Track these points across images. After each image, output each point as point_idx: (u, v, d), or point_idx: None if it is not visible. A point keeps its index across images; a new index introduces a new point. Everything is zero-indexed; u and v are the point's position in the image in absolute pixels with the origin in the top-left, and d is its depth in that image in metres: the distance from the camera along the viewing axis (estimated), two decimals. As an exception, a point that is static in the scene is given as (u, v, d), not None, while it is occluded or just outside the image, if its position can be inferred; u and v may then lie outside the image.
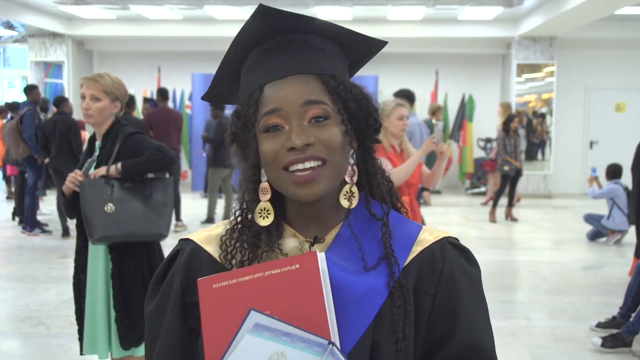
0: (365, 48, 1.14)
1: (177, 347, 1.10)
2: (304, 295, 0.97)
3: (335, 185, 1.05)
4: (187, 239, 1.14)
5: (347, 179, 1.08)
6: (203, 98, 1.20)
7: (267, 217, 1.07)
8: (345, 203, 1.08)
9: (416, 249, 1.08)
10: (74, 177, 3.00)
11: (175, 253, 1.14)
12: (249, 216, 1.11)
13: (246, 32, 1.06)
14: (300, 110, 1.01)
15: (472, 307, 1.06)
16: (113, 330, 2.98)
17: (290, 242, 1.09)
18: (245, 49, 1.08)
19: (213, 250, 1.11)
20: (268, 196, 1.07)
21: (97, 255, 3.01)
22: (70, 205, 3.11)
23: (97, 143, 3.11)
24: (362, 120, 1.07)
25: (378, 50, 1.14)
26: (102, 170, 3.01)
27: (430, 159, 9.05)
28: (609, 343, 4.34)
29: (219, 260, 1.09)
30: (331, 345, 0.94)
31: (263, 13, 1.03)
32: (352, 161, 1.08)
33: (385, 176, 1.15)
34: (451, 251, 1.08)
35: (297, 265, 0.98)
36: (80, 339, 3.09)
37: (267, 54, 1.06)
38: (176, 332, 1.09)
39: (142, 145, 3.09)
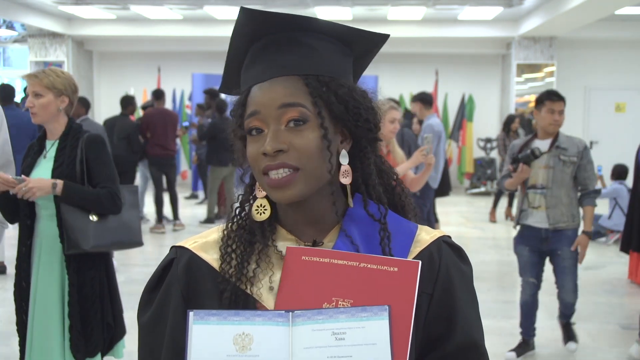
0: (367, 43, 1.12)
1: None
2: (391, 299, 0.96)
3: (314, 189, 1.03)
4: (181, 247, 1.11)
5: (342, 179, 1.07)
6: (220, 90, 1.19)
7: (264, 212, 1.07)
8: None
9: (415, 250, 1.07)
10: (5, 180, 2.72)
11: (169, 261, 1.10)
12: (244, 214, 1.10)
13: (236, 34, 1.07)
14: (277, 113, 1.00)
15: (467, 304, 1.07)
16: (67, 340, 2.85)
17: (286, 244, 1.08)
18: (240, 48, 1.08)
19: (210, 258, 1.08)
20: (265, 192, 1.07)
21: (51, 262, 2.88)
22: (6, 207, 2.93)
23: (49, 142, 2.91)
24: (350, 121, 1.05)
25: (381, 44, 1.13)
26: (44, 185, 2.73)
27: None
28: None
29: (217, 269, 1.07)
30: (291, 313, 0.94)
31: (246, 15, 1.03)
32: (345, 161, 1.06)
33: (384, 175, 1.14)
34: (447, 250, 1.09)
35: (396, 269, 0.98)
36: (21, 351, 2.95)
37: (258, 54, 1.06)
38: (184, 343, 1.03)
39: (102, 168, 2.88)
